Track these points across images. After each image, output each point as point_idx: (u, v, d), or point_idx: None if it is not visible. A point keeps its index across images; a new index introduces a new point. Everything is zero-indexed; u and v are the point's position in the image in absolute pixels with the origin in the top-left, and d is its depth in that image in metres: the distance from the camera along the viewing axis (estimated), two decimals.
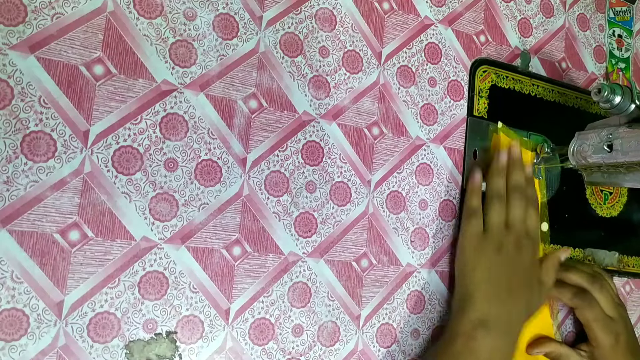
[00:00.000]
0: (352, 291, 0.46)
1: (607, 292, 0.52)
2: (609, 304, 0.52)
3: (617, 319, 0.52)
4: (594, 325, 0.51)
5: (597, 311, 0.51)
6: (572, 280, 0.53)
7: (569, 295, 0.52)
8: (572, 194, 0.59)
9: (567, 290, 0.53)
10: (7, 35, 0.36)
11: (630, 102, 0.43)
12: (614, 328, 0.51)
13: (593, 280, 0.52)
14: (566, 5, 0.62)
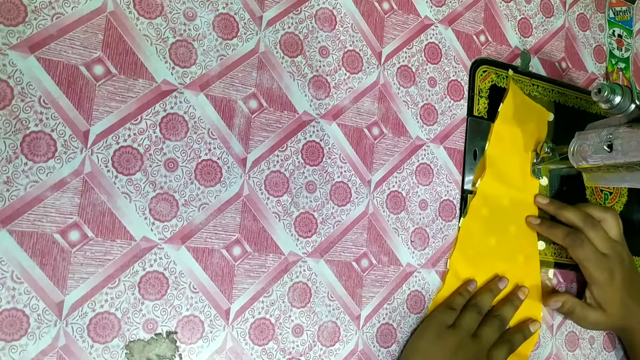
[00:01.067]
0: (352, 291, 0.46)
1: (599, 230, 0.52)
2: (602, 242, 0.52)
3: (612, 255, 0.52)
4: (586, 264, 0.51)
5: (588, 250, 0.51)
6: (565, 218, 0.53)
7: (560, 236, 0.52)
8: (572, 194, 0.59)
9: (560, 231, 0.53)
10: (7, 35, 0.36)
11: (630, 102, 0.43)
12: (608, 265, 0.51)
13: (585, 219, 0.52)
14: (566, 5, 0.62)
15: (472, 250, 0.52)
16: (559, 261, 0.56)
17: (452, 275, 0.50)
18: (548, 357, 0.55)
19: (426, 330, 0.47)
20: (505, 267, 0.53)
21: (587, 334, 0.58)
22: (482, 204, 0.52)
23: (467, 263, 0.51)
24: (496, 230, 0.53)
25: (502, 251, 0.53)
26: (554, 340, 0.56)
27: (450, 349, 0.46)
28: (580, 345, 0.58)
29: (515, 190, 0.54)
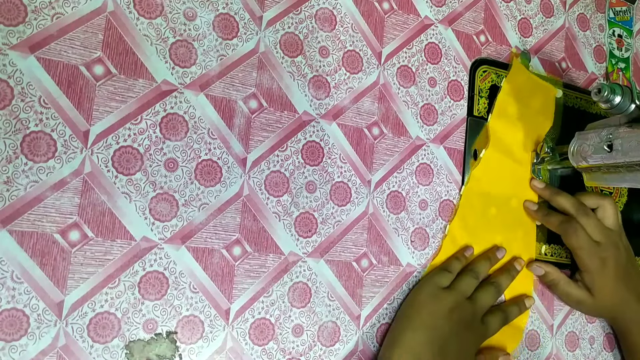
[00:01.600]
0: (352, 291, 0.46)
1: (592, 217, 0.52)
2: (596, 230, 0.52)
3: (605, 243, 0.52)
4: (579, 252, 0.52)
5: (581, 238, 0.51)
6: (558, 204, 0.53)
7: (555, 223, 0.52)
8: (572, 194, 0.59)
9: (555, 218, 0.53)
10: (7, 35, 0.36)
11: (630, 102, 0.43)
12: (600, 253, 0.51)
13: (578, 207, 0.52)
14: (566, 5, 0.62)
15: (472, 218, 0.52)
16: (559, 261, 0.56)
17: (450, 241, 0.50)
18: (548, 357, 0.55)
19: (421, 290, 0.47)
20: (504, 239, 0.53)
21: (587, 334, 0.59)
22: (483, 174, 0.52)
23: (465, 231, 0.51)
24: (497, 202, 0.53)
25: (501, 223, 0.53)
26: (554, 340, 0.56)
27: (444, 309, 0.45)
28: (580, 345, 0.58)
29: (518, 164, 0.54)
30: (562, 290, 0.54)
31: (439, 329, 0.44)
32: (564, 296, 0.55)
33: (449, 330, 0.44)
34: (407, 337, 0.44)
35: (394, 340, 0.45)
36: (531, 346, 0.55)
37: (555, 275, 0.54)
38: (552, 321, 0.56)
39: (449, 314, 0.45)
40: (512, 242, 0.54)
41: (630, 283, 0.53)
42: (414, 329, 0.44)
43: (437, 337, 0.44)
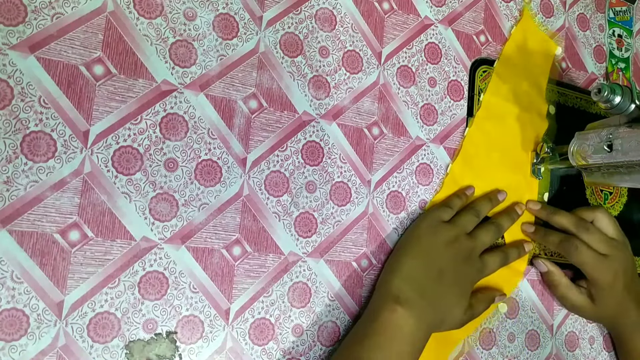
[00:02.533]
0: (352, 291, 0.46)
1: (594, 232, 0.52)
2: (601, 244, 0.51)
3: (612, 255, 0.51)
4: (585, 268, 0.51)
5: (585, 254, 0.50)
6: (558, 224, 0.53)
7: (555, 242, 0.52)
8: (572, 194, 0.59)
9: (553, 238, 0.52)
10: (7, 35, 0.36)
11: (630, 102, 0.43)
12: (610, 266, 0.51)
13: (578, 223, 0.52)
14: (566, 5, 0.62)
15: (474, 160, 0.52)
16: (556, 260, 0.56)
17: (451, 180, 0.51)
18: (548, 357, 0.55)
19: (421, 222, 0.47)
20: (505, 183, 0.53)
21: (587, 334, 0.59)
22: (486, 116, 0.53)
23: (467, 171, 0.52)
24: (499, 145, 0.53)
25: (503, 167, 0.53)
26: (554, 340, 0.56)
27: (442, 241, 0.45)
28: (580, 345, 0.58)
29: (520, 109, 0.55)
30: (562, 293, 0.54)
31: (436, 258, 0.44)
32: (563, 299, 0.55)
33: (446, 260, 0.45)
34: (405, 264, 0.44)
35: (392, 267, 0.45)
36: (531, 346, 0.55)
37: (557, 276, 0.54)
38: (552, 321, 0.56)
39: (447, 245, 0.45)
40: (515, 187, 0.54)
41: (632, 289, 0.53)
42: (412, 256, 0.45)
43: (434, 266, 0.44)
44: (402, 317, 0.41)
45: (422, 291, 0.43)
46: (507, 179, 0.54)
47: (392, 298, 0.42)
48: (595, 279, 0.51)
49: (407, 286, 0.43)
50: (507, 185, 0.53)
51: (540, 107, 0.56)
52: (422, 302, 0.42)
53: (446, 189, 0.51)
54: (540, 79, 0.57)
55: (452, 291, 0.44)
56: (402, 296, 0.42)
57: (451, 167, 0.51)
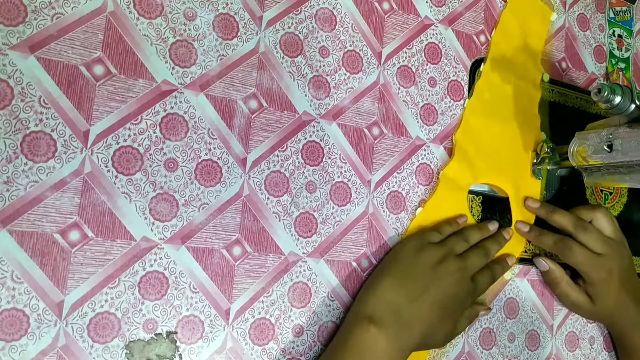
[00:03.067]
0: (352, 291, 0.46)
1: (591, 231, 0.51)
2: (597, 243, 0.51)
3: (608, 254, 0.51)
4: (581, 268, 0.51)
5: (579, 254, 0.50)
6: (556, 222, 0.53)
7: (549, 244, 0.52)
8: (572, 194, 0.59)
9: (548, 239, 0.52)
10: (7, 35, 0.36)
11: (630, 102, 0.43)
12: (605, 265, 0.51)
13: (576, 223, 0.52)
14: (566, 5, 0.62)
15: (475, 130, 0.52)
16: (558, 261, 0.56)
17: (459, 150, 0.51)
18: (548, 357, 0.55)
19: (407, 243, 0.46)
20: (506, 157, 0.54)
21: (587, 334, 0.59)
22: (486, 87, 0.53)
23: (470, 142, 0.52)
24: (499, 116, 0.54)
25: (504, 139, 0.54)
26: (554, 340, 0.56)
27: (429, 262, 0.44)
28: (580, 346, 0.58)
29: (518, 79, 0.55)
30: (563, 291, 0.54)
31: (419, 279, 0.43)
32: (563, 297, 0.55)
33: (430, 281, 0.43)
34: (383, 283, 0.43)
35: (369, 286, 0.44)
36: (531, 346, 0.55)
37: (559, 274, 0.54)
38: (552, 321, 0.56)
39: (434, 266, 0.44)
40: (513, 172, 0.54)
41: (630, 287, 0.53)
42: (392, 276, 0.44)
43: (416, 286, 0.43)
44: (374, 336, 0.40)
45: (398, 311, 0.42)
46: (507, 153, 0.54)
47: (365, 317, 0.41)
48: (590, 278, 0.52)
49: (383, 306, 0.42)
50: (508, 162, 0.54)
51: (535, 76, 0.57)
52: (398, 322, 0.41)
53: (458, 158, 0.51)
54: (536, 45, 0.57)
55: (434, 312, 0.43)
56: (375, 316, 0.41)
57: (455, 138, 0.51)
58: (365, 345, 0.40)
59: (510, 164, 0.54)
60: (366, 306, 0.42)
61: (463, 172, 0.51)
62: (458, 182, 0.51)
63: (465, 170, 0.51)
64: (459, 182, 0.51)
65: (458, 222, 0.50)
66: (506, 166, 0.54)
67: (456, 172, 0.51)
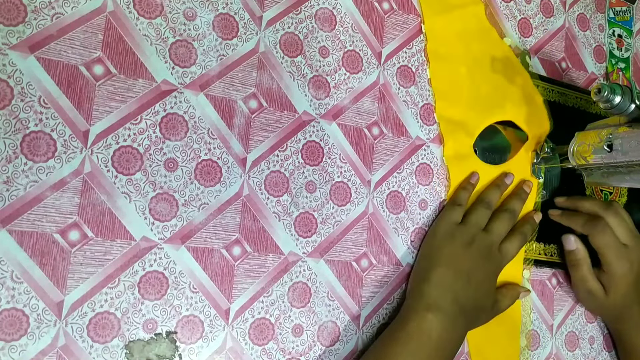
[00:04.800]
0: (352, 291, 0.46)
1: (621, 218, 0.51)
2: (624, 232, 0.51)
3: (633, 247, 0.51)
4: (606, 252, 0.50)
5: (609, 237, 0.50)
6: (586, 208, 0.53)
7: (580, 222, 0.52)
8: (572, 194, 0.59)
9: (579, 217, 0.52)
10: (7, 35, 0.36)
11: (630, 102, 0.43)
12: (629, 255, 0.51)
13: (607, 207, 0.51)
14: (566, 5, 0.62)
15: (445, 82, 0.51)
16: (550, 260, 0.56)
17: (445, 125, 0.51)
18: (548, 357, 0.55)
19: (436, 231, 0.48)
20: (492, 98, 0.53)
21: (587, 334, 0.59)
22: (437, 45, 0.51)
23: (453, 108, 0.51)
24: (463, 59, 0.52)
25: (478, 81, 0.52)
26: (554, 340, 0.56)
27: (461, 245, 0.46)
28: (580, 345, 0.58)
29: (461, 9, 0.53)
30: (582, 275, 0.53)
31: (460, 263, 0.45)
32: (580, 282, 0.53)
33: (469, 262, 0.45)
34: (433, 272, 0.45)
35: (421, 277, 0.46)
36: (531, 346, 0.55)
37: (583, 255, 0.53)
38: (552, 321, 0.56)
39: (467, 248, 0.46)
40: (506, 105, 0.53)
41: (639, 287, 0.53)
42: (439, 265, 0.45)
43: (461, 270, 0.45)
44: (431, 323, 0.42)
45: (454, 297, 0.44)
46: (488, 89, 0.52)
47: (423, 306, 0.43)
48: (611, 266, 0.51)
49: (440, 294, 0.44)
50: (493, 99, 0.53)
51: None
52: (454, 307, 0.43)
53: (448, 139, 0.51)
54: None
55: (480, 291, 0.46)
56: (433, 304, 0.43)
57: (437, 115, 0.51)
58: (423, 332, 0.42)
59: (495, 99, 0.52)
60: (422, 295, 0.44)
61: (459, 141, 0.51)
62: (462, 152, 0.51)
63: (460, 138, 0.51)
64: (463, 152, 0.51)
65: (472, 183, 0.51)
66: (494, 103, 0.52)
67: (455, 146, 0.51)
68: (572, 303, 0.58)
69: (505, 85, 0.54)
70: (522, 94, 0.54)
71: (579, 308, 0.58)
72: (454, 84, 0.52)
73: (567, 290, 0.58)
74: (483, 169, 0.52)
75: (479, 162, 0.52)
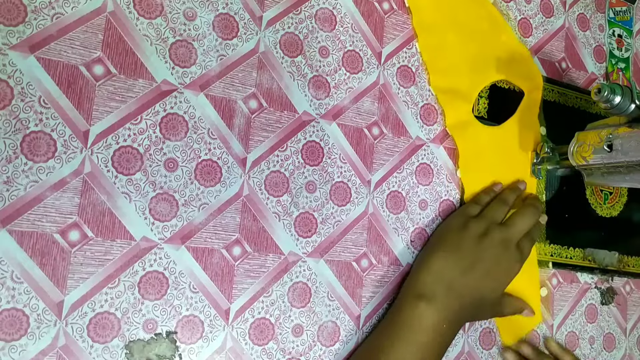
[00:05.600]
0: (352, 291, 0.46)
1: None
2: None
3: None
4: None
5: None
6: None
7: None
8: (572, 194, 0.59)
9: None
10: (7, 35, 0.36)
11: (630, 102, 0.43)
12: None
13: None
14: (566, 5, 0.62)
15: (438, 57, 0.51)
16: (559, 261, 0.56)
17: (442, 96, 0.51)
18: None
19: (451, 221, 0.48)
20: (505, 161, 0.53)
21: (587, 334, 0.59)
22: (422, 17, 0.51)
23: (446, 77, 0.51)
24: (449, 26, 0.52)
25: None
26: (554, 340, 0.56)
27: (473, 236, 0.46)
28: (580, 345, 0.58)
29: None
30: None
31: (467, 252, 0.45)
32: None
33: (478, 254, 0.45)
34: (432, 259, 0.45)
35: (419, 265, 0.46)
36: None
37: None
38: (552, 321, 0.56)
39: (479, 238, 0.46)
40: None
41: None
42: (441, 251, 0.45)
43: (465, 260, 0.45)
44: (424, 311, 0.42)
45: (449, 285, 0.44)
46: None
47: (415, 294, 0.43)
48: None
49: (433, 281, 0.44)
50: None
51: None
52: (448, 295, 0.43)
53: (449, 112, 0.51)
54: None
55: (484, 283, 0.45)
56: (426, 292, 0.43)
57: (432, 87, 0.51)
58: (416, 319, 0.42)
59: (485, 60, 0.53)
60: (417, 283, 0.44)
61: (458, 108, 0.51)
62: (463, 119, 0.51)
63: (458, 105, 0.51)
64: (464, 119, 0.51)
65: (495, 190, 0.51)
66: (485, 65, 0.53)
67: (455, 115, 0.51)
68: (572, 303, 0.58)
69: (493, 44, 0.54)
70: (509, 50, 0.55)
71: (579, 308, 0.58)
72: (443, 53, 0.52)
73: (567, 290, 0.58)
74: (486, 132, 0.52)
75: (481, 126, 0.52)
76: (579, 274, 0.58)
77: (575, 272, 0.58)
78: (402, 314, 0.43)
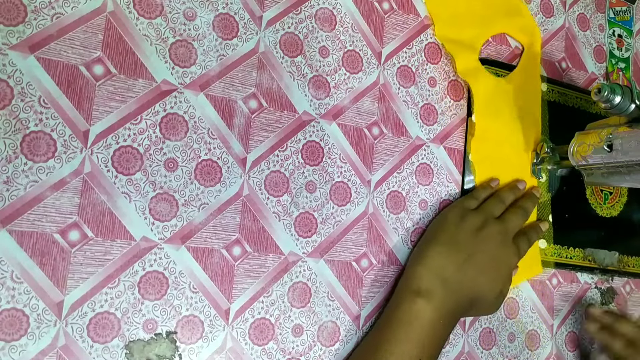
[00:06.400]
0: (352, 291, 0.46)
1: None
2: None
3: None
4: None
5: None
6: (624, 331, 0.52)
7: (619, 346, 0.52)
8: (572, 194, 0.59)
9: (618, 341, 0.52)
10: (7, 35, 0.36)
11: (630, 102, 0.43)
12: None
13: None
14: (566, 5, 0.62)
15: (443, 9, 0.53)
16: (559, 261, 0.56)
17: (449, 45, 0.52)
18: (548, 357, 0.55)
19: (449, 214, 0.48)
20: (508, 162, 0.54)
21: (587, 334, 0.59)
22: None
23: (451, 28, 0.53)
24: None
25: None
26: (554, 340, 0.56)
27: (471, 229, 0.46)
28: (580, 346, 0.58)
29: None
30: None
31: (464, 245, 0.45)
32: None
33: (475, 247, 0.45)
34: (428, 253, 0.45)
35: (415, 259, 0.46)
36: (531, 346, 0.55)
37: None
38: (552, 321, 0.56)
39: (476, 231, 0.46)
40: None
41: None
42: (437, 244, 0.45)
43: (461, 253, 0.45)
44: (421, 307, 0.42)
45: (445, 279, 0.43)
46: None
47: (412, 290, 0.43)
48: None
49: (429, 276, 0.44)
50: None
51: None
52: (444, 290, 0.43)
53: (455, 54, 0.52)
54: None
55: (482, 276, 0.45)
56: (422, 287, 0.43)
57: (437, 36, 0.52)
58: (413, 315, 0.42)
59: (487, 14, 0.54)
60: (413, 278, 0.44)
61: (466, 57, 0.52)
62: (471, 66, 0.52)
63: (466, 54, 0.52)
64: (473, 66, 0.52)
65: (492, 186, 0.52)
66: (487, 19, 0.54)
67: (464, 62, 0.52)
68: (572, 303, 0.58)
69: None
70: (510, 5, 0.56)
71: (579, 308, 0.58)
72: (448, 5, 0.53)
73: (567, 290, 0.58)
74: (492, 81, 0.53)
75: (489, 74, 0.53)
76: (579, 274, 0.58)
77: (575, 272, 0.58)
78: (400, 310, 0.43)
